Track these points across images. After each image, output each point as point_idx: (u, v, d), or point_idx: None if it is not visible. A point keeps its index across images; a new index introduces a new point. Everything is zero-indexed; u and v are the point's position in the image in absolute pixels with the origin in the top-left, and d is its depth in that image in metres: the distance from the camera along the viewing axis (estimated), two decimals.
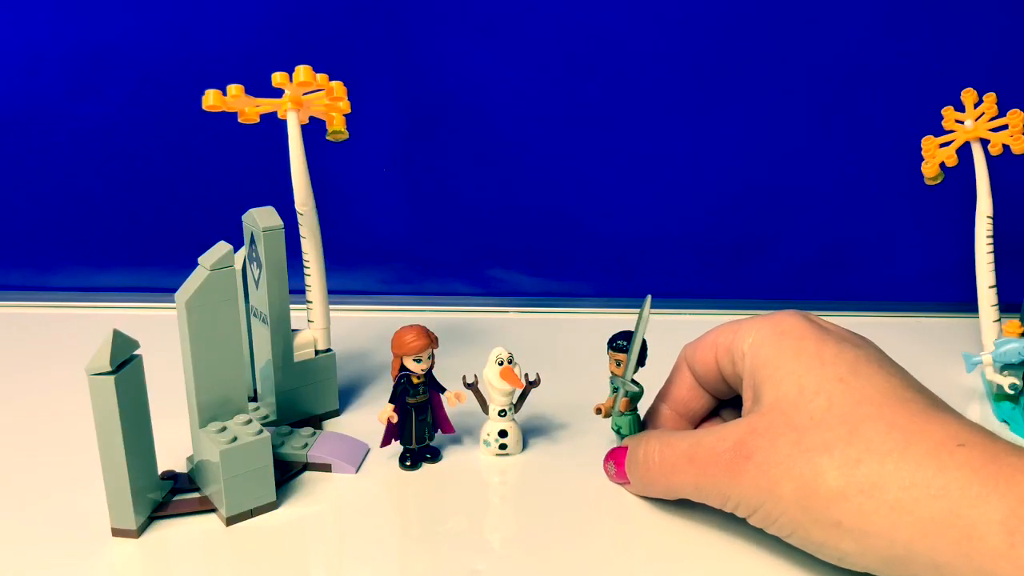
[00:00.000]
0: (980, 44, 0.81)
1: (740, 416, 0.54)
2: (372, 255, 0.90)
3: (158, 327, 0.63)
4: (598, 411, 0.60)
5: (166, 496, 0.57)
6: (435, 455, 0.62)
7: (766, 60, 0.82)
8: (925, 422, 0.45)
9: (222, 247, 0.54)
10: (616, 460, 0.57)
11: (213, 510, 0.56)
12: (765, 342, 0.50)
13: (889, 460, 0.43)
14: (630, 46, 0.82)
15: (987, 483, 0.41)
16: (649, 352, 0.59)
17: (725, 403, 0.60)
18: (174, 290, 0.54)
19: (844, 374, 0.47)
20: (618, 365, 0.59)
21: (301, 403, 0.67)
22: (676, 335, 0.63)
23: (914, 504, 0.42)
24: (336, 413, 0.69)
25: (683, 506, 0.56)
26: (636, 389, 0.58)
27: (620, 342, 0.58)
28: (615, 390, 0.59)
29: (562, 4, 0.81)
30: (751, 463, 0.47)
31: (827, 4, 0.80)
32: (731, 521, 0.54)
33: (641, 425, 0.60)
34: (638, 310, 0.58)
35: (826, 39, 0.81)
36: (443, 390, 0.61)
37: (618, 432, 0.60)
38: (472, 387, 0.62)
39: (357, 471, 0.61)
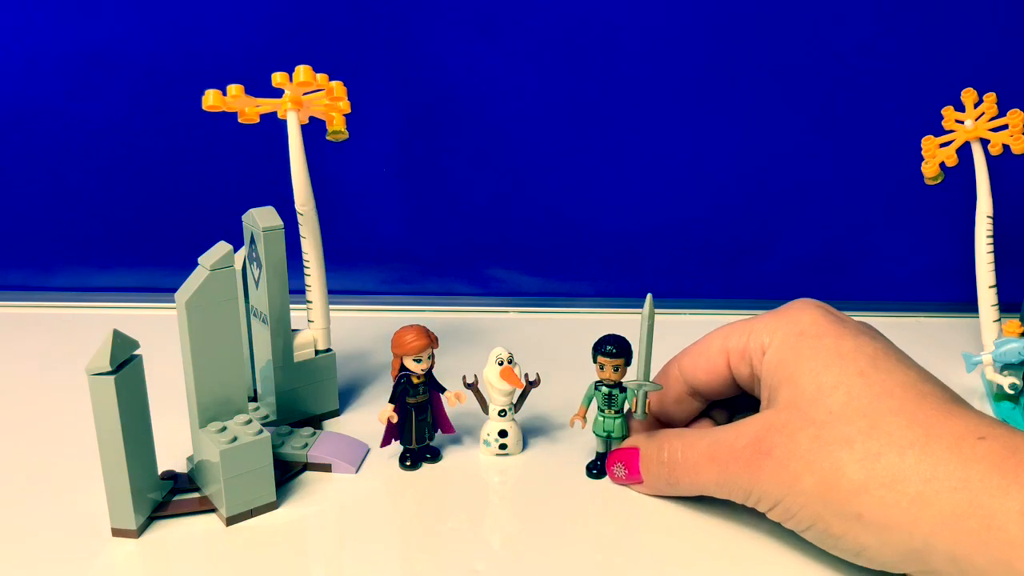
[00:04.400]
0: (980, 44, 0.81)
1: (743, 414, 0.54)
2: (372, 255, 0.90)
3: (158, 327, 0.63)
4: (572, 423, 0.60)
5: (166, 496, 0.57)
6: (435, 455, 0.62)
7: (766, 59, 0.82)
8: (946, 416, 0.45)
9: (222, 247, 0.54)
10: (626, 461, 0.57)
11: (213, 510, 0.56)
12: (784, 344, 0.50)
13: (910, 453, 0.43)
14: (630, 46, 0.82)
15: (1008, 475, 0.41)
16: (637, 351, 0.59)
17: (714, 404, 0.60)
18: (174, 290, 0.54)
19: (864, 368, 0.47)
20: (602, 369, 0.58)
21: (301, 403, 0.67)
22: (675, 335, 0.63)
23: (935, 497, 0.42)
24: (336, 413, 0.69)
25: (684, 504, 0.56)
26: (660, 386, 0.58)
27: (609, 348, 0.58)
28: (618, 397, 0.59)
29: (563, 4, 0.81)
30: (771, 459, 0.47)
31: (827, 4, 0.80)
32: (734, 519, 0.54)
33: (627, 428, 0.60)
34: (639, 310, 0.58)
35: (826, 39, 0.81)
36: (443, 390, 0.61)
37: (608, 436, 0.60)
38: (472, 387, 0.62)
39: (357, 471, 0.61)
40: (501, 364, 0.60)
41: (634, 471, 0.56)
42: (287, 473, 0.60)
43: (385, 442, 0.61)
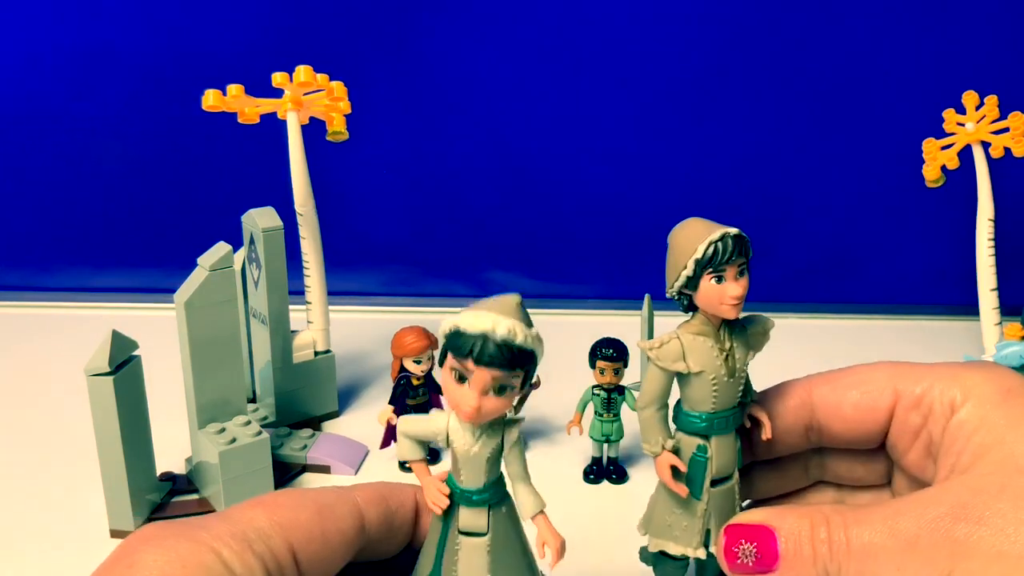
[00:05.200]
0: (981, 47, 0.81)
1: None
2: (372, 256, 0.90)
3: (157, 328, 0.63)
4: (569, 430, 0.60)
5: (165, 497, 0.56)
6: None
7: (768, 63, 0.82)
8: None
9: (221, 248, 0.54)
10: (759, 542, 0.40)
11: (212, 512, 0.56)
12: (991, 402, 0.41)
13: None
14: (630, 49, 0.82)
15: None
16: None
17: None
18: (173, 291, 0.54)
19: None
20: (602, 373, 0.58)
21: (300, 404, 0.67)
22: None
23: None
24: (335, 414, 0.69)
25: None
26: None
27: (608, 351, 0.58)
28: (617, 400, 0.59)
29: (565, 6, 0.81)
30: (985, 528, 0.36)
31: (828, 7, 0.80)
32: None
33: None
34: (638, 312, 0.58)
35: (827, 42, 0.81)
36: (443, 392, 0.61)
37: (607, 439, 0.60)
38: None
39: (356, 472, 0.61)
40: None
41: (770, 557, 0.39)
42: (286, 474, 0.59)
43: (384, 444, 0.61)
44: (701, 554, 0.43)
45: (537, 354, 0.36)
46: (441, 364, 0.35)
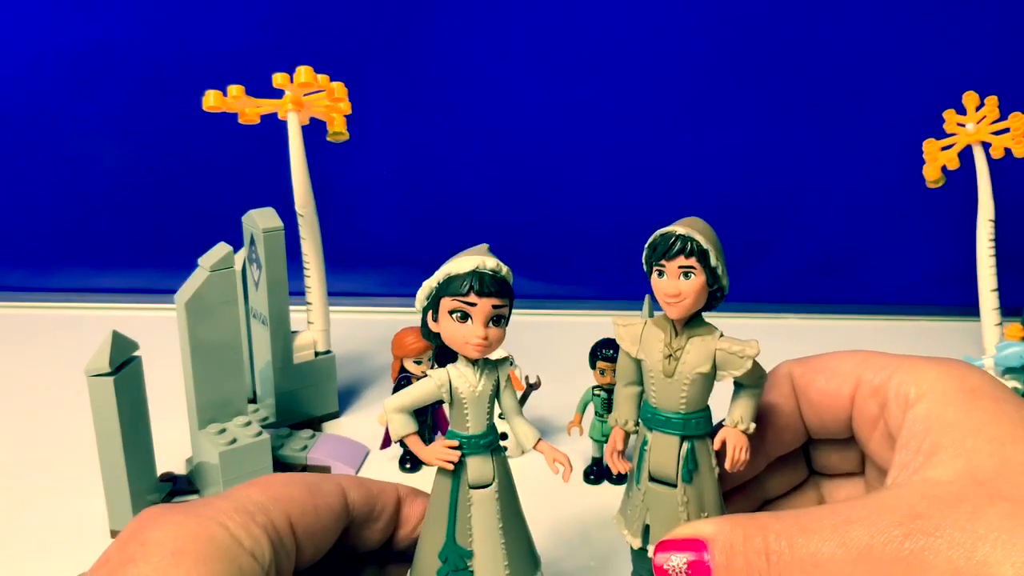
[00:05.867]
0: (982, 47, 0.81)
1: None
2: (372, 257, 0.90)
3: (158, 328, 0.63)
4: (570, 431, 0.60)
5: (165, 498, 0.56)
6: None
7: (768, 64, 0.82)
8: None
9: (222, 248, 0.54)
10: (691, 552, 0.37)
11: None
12: (950, 400, 0.39)
13: None
14: (629, 49, 0.82)
15: None
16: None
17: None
18: (174, 291, 0.54)
19: None
20: (603, 374, 0.58)
21: (300, 405, 0.67)
22: None
23: None
24: (335, 415, 0.69)
25: None
26: None
27: (608, 351, 0.58)
28: (607, 401, 0.59)
29: (565, 7, 0.81)
30: (939, 540, 0.34)
31: (829, 7, 0.80)
32: None
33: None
34: (638, 312, 0.58)
35: (828, 42, 0.81)
36: None
37: (604, 440, 0.60)
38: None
39: (356, 473, 0.61)
40: None
41: (702, 570, 0.37)
42: None
43: (384, 444, 0.61)
44: (635, 543, 0.44)
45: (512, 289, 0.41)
46: (436, 318, 0.40)
